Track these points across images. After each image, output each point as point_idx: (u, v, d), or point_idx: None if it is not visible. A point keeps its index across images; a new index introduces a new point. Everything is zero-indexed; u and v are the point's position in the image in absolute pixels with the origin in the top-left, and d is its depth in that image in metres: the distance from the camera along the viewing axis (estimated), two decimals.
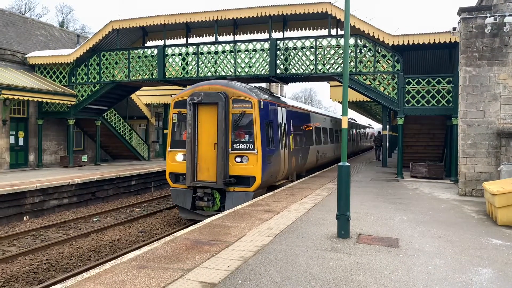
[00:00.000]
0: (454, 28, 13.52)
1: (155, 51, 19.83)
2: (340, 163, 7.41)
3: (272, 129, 13.50)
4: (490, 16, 12.31)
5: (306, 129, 18.71)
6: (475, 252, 6.55)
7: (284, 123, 14.99)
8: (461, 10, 12.84)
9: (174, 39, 22.14)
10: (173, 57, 19.59)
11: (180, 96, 13.12)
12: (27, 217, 14.06)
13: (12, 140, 20.41)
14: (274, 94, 15.75)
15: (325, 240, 7.10)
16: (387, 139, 27.08)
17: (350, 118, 37.86)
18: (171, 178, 13.15)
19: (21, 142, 20.95)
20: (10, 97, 18.27)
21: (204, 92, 12.36)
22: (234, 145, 12.36)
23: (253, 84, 17.06)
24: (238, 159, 12.31)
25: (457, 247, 6.82)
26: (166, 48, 19.72)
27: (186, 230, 7.80)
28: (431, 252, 6.50)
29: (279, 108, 14.62)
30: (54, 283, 8.09)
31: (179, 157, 12.85)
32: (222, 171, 12.06)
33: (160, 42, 21.27)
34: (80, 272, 8.72)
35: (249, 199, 11.63)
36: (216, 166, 12.17)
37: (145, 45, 21.29)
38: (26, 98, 18.88)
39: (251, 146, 12.27)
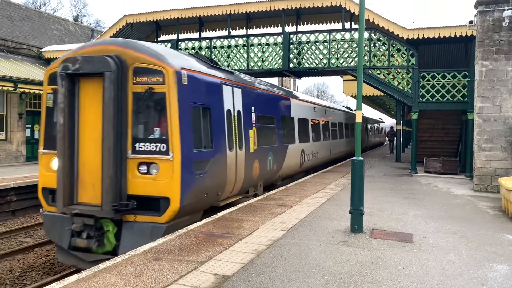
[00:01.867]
0: (470, 22, 13.32)
1: (168, 45, 19.89)
2: (354, 158, 7.38)
3: (211, 119, 8.83)
4: (508, 9, 12.08)
5: (283, 121, 14.02)
6: (491, 248, 6.48)
7: (238, 111, 10.31)
8: (478, 3, 12.63)
9: (187, 33, 22.18)
10: (186, 50, 19.64)
11: (57, 64, 8.10)
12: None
13: (28, 133, 20.72)
14: (224, 68, 10.66)
15: (338, 235, 7.10)
16: (401, 134, 26.83)
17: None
18: (44, 196, 8.30)
19: (37, 135, 21.26)
20: (26, 90, 18.54)
21: (83, 57, 7.58)
22: (136, 145, 7.57)
23: (265, 78, 17.04)
24: (143, 169, 7.54)
25: (472, 243, 6.76)
26: (179, 42, 19.78)
27: (200, 223, 7.86)
28: (445, 248, 6.46)
29: (226, 88, 9.72)
30: (71, 273, 8.24)
31: (57, 163, 7.72)
32: (111, 188, 7.27)
33: (173, 36, 21.34)
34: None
35: (158, 235, 7.23)
36: (101, 180, 7.40)
37: (159, 39, 21.36)
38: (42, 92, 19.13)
39: (163, 147, 7.52)
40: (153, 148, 7.54)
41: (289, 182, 14.68)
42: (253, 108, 11.32)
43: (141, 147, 7.56)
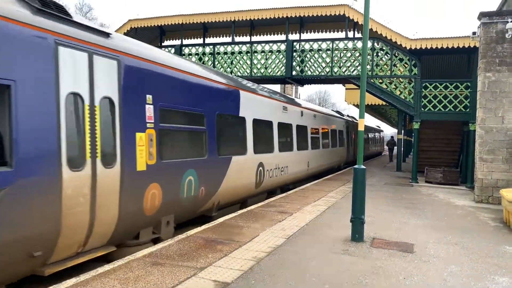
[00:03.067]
0: (474, 33, 13.35)
1: (172, 51, 19.96)
2: (356, 166, 7.37)
3: (11, 107, 4.77)
4: (511, 21, 12.12)
5: (222, 121, 9.74)
6: (492, 260, 6.44)
7: (105, 98, 6.15)
8: (482, 15, 12.66)
9: (191, 38, 22.25)
10: (190, 56, 19.69)
11: None
12: None
13: None
14: (79, 20, 6.04)
15: (338, 243, 7.06)
16: (402, 143, 26.79)
17: (350, 116, 30.99)
18: None
19: None
20: None
21: None
22: None
23: (268, 85, 17.06)
24: None
25: (473, 255, 6.72)
26: (183, 48, 19.84)
27: (199, 228, 7.83)
28: (446, 259, 6.42)
29: (71, 53, 5.56)
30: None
31: None
32: None
33: (177, 42, 21.42)
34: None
35: None
36: None
37: (163, 44, 21.42)
38: None
39: None
40: None
41: (239, 209, 10.61)
42: (149, 97, 7.05)
43: None
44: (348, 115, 31.26)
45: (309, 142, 16.87)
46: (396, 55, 16.91)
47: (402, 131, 26.96)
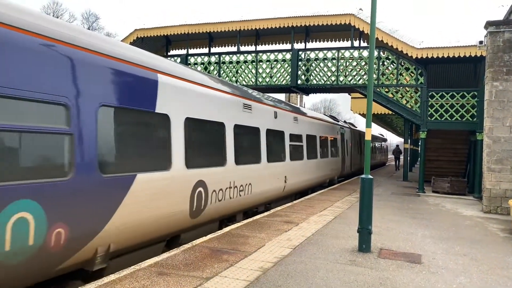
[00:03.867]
0: (480, 42, 13.33)
1: (178, 60, 20.05)
2: (363, 176, 7.31)
3: None
4: None
5: (124, 118, 6.53)
6: (502, 272, 6.33)
7: None
8: (488, 24, 12.63)
9: (196, 48, 22.37)
10: (195, 66, 19.78)
11: None
12: None
13: None
14: None
15: (345, 254, 6.98)
16: (408, 153, 26.62)
17: (347, 123, 28.66)
18: None
19: None
20: None
21: None
22: None
23: (273, 94, 17.09)
24: None
25: (482, 266, 6.61)
26: (189, 57, 19.94)
27: (205, 238, 7.78)
28: (455, 270, 6.32)
29: None
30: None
31: None
32: None
33: (183, 51, 21.53)
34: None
35: None
36: None
37: (168, 53, 21.55)
38: None
39: None
40: None
41: (162, 250, 7.65)
42: None
43: None
44: (345, 121, 29.22)
45: (287, 151, 13.25)
46: (402, 64, 16.88)
47: (409, 140, 26.80)
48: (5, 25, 4.61)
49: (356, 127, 29.98)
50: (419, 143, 18.19)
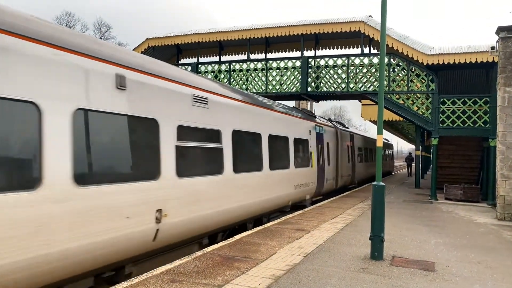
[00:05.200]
0: (492, 48, 13.22)
1: (189, 68, 20.21)
2: (375, 183, 7.27)
3: None
4: None
5: None
6: None
7: None
8: (500, 29, 12.54)
9: (207, 56, 22.54)
10: (206, 74, 19.91)
11: None
12: None
13: None
14: None
15: (358, 261, 6.93)
16: (420, 160, 26.37)
17: (334, 121, 23.30)
18: None
19: None
20: None
21: None
22: None
23: (284, 102, 17.11)
24: None
25: (497, 274, 6.51)
26: (199, 66, 20.09)
27: (216, 246, 7.78)
28: (470, 278, 6.23)
29: None
30: None
31: None
32: None
33: (193, 59, 21.70)
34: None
35: None
36: None
37: (179, 62, 21.74)
38: None
39: None
40: None
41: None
42: None
43: None
44: (330, 119, 23.03)
45: (167, 160, 7.08)
46: (413, 70, 16.81)
47: (420, 147, 26.56)
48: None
49: (348, 128, 24.25)
50: (431, 150, 18.03)
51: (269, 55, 20.71)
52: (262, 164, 10.85)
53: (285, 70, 18.71)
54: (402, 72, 17.13)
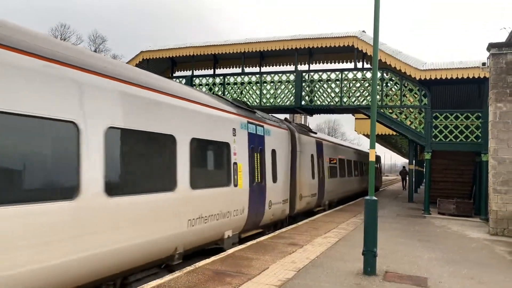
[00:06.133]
0: (483, 64, 13.40)
1: (183, 81, 20.25)
2: (367, 197, 7.27)
3: None
4: None
5: None
6: None
7: None
8: (491, 46, 12.72)
9: (201, 69, 22.60)
10: (200, 87, 19.95)
11: None
12: None
13: None
14: None
15: (350, 277, 6.88)
16: (413, 174, 26.41)
17: (302, 125, 18.29)
18: None
19: None
20: None
21: None
22: None
23: (278, 115, 17.13)
24: None
25: None
26: (194, 78, 20.13)
27: (208, 260, 7.71)
28: None
29: None
30: None
31: None
32: None
33: (188, 72, 21.75)
34: None
35: None
36: None
37: (174, 75, 21.78)
38: None
39: None
40: None
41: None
42: None
43: None
44: (286, 119, 16.70)
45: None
46: (406, 85, 16.95)
47: (413, 161, 26.63)
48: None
49: (315, 133, 18.71)
50: (424, 164, 18.09)
51: (263, 69, 20.80)
52: (80, 185, 5.54)
53: (279, 84, 18.79)
54: (395, 86, 17.27)
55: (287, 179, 13.55)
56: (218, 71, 21.41)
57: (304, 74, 18.41)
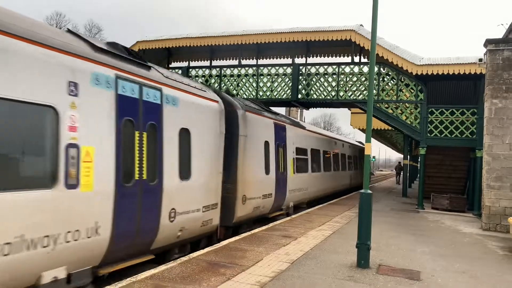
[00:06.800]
0: (480, 60, 13.40)
1: (179, 72, 20.16)
2: (362, 191, 7.29)
3: None
4: None
5: None
6: None
7: None
8: (488, 42, 12.73)
9: (198, 61, 22.47)
10: (196, 78, 19.86)
11: None
12: None
13: None
14: None
15: (344, 269, 6.92)
16: (407, 169, 26.51)
17: (255, 103, 12.99)
18: None
19: None
20: None
21: None
22: None
23: (273, 108, 17.10)
24: None
25: (482, 284, 6.55)
26: (190, 70, 20.04)
27: (202, 251, 7.72)
28: (454, 287, 6.26)
29: None
30: None
31: None
32: None
33: (184, 63, 21.63)
34: None
35: None
36: None
37: (170, 65, 21.66)
38: None
39: None
40: None
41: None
42: None
43: None
44: (217, 91, 11.15)
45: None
46: (402, 80, 16.97)
47: (408, 156, 26.73)
48: None
49: (277, 114, 14.52)
50: (419, 159, 18.17)
51: (260, 61, 20.73)
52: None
53: (276, 77, 18.74)
54: (391, 81, 17.28)
55: (217, 174, 9.33)
56: (214, 63, 21.31)
57: (301, 67, 18.37)
